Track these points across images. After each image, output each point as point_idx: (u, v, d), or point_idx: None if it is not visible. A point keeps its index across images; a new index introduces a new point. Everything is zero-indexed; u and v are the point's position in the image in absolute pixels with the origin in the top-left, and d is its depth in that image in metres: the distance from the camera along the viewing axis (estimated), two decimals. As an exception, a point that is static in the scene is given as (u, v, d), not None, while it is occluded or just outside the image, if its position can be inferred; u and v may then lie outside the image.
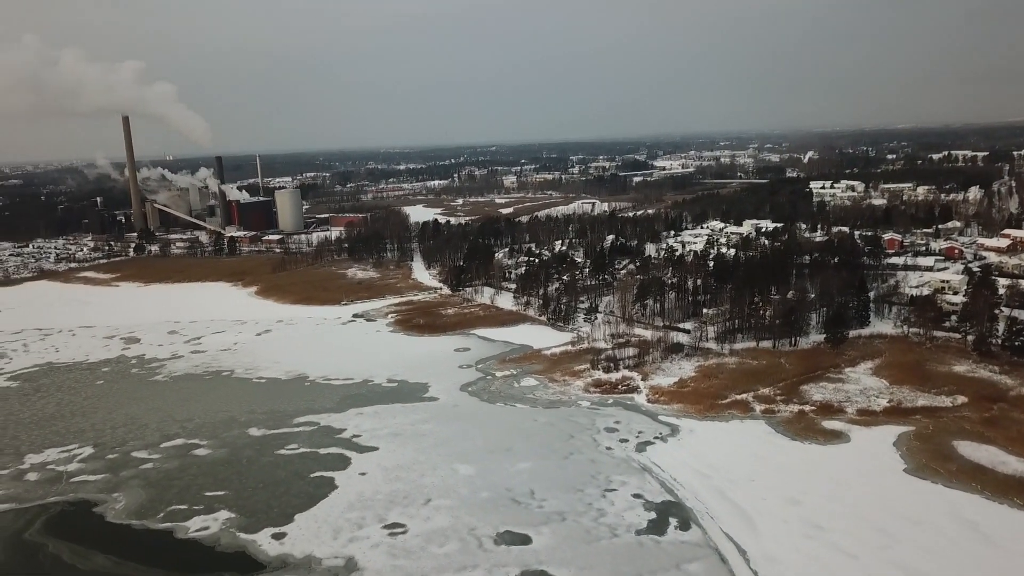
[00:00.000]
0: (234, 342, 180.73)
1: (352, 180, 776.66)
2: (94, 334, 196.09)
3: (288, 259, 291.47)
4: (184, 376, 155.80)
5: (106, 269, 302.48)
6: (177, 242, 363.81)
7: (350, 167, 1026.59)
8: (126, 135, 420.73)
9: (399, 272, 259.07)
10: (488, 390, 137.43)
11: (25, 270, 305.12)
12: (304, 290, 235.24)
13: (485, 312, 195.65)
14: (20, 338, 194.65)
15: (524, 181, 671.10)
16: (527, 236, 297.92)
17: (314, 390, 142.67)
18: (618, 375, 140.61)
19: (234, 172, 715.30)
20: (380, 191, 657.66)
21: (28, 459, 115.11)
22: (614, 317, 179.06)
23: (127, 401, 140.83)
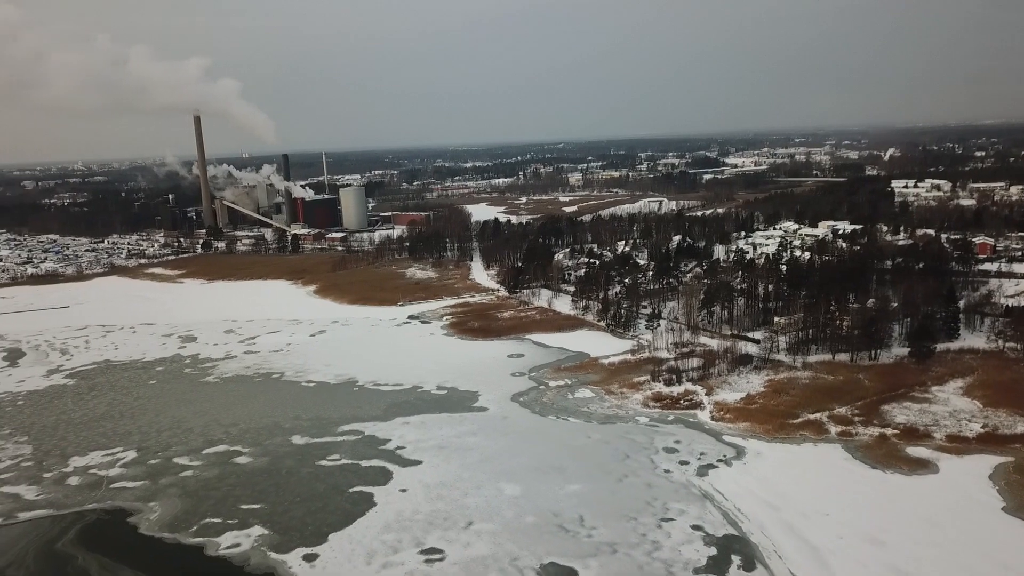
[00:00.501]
0: (287, 343, 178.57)
1: (418, 178, 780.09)
2: (153, 332, 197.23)
3: (348, 258, 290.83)
4: (234, 378, 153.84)
5: (173, 266, 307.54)
6: (243, 239, 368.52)
7: (418, 165, 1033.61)
8: (197, 133, 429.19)
9: (457, 272, 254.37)
10: (540, 401, 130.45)
11: (97, 265, 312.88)
12: (362, 290, 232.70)
13: (542, 316, 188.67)
14: (83, 334, 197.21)
15: (590, 178, 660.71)
16: (589, 236, 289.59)
17: (362, 396, 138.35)
18: (680, 389, 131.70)
19: (305, 170, 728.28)
20: (445, 189, 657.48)
21: (72, 462, 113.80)
22: (678, 324, 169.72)
23: (175, 403, 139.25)
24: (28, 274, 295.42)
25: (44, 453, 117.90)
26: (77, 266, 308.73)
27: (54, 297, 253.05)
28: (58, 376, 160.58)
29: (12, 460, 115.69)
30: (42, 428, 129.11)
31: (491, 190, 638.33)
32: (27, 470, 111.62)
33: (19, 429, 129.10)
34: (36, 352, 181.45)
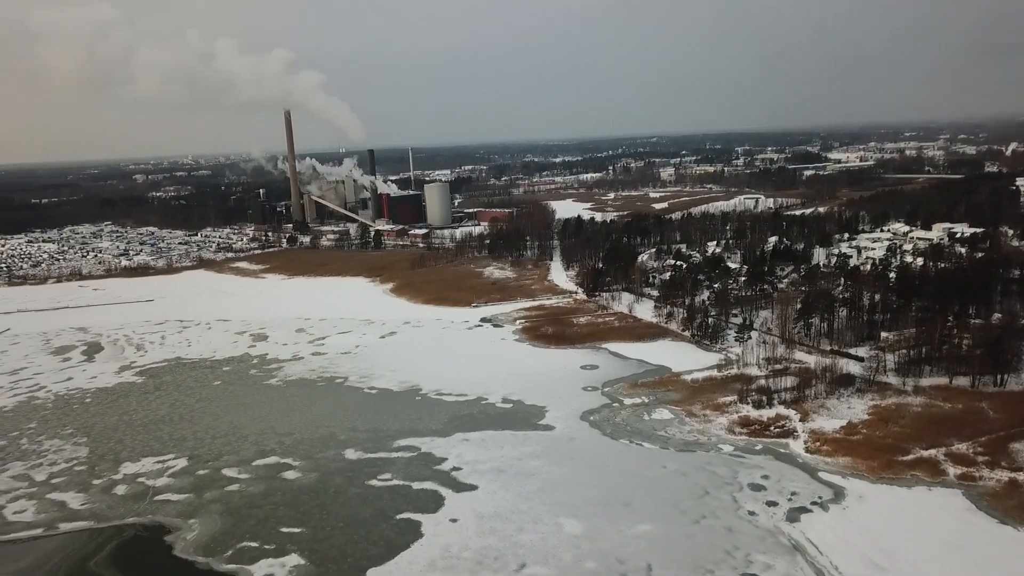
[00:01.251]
0: (356, 345, 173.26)
1: (507, 173, 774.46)
2: (227, 329, 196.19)
3: (428, 255, 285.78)
4: (298, 381, 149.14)
5: (258, 260, 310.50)
6: (328, 234, 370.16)
7: (508, 160, 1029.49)
8: (287, 129, 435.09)
9: (535, 272, 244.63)
10: (612, 421, 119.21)
11: (187, 259, 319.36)
12: (437, 289, 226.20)
13: (621, 323, 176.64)
14: (161, 330, 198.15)
15: (682, 174, 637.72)
16: (677, 235, 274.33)
17: (423, 407, 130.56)
18: (771, 413, 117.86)
19: (396, 165, 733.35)
20: (532, 185, 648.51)
21: (123, 468, 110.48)
22: (771, 337, 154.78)
23: (235, 407, 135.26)
24: (122, 266, 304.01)
25: (99, 457, 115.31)
26: (168, 259, 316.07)
27: (141, 290, 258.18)
28: (128, 373, 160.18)
29: (67, 463, 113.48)
30: (102, 429, 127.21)
31: (579, 185, 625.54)
32: (78, 475, 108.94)
33: (81, 429, 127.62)
34: (113, 347, 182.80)
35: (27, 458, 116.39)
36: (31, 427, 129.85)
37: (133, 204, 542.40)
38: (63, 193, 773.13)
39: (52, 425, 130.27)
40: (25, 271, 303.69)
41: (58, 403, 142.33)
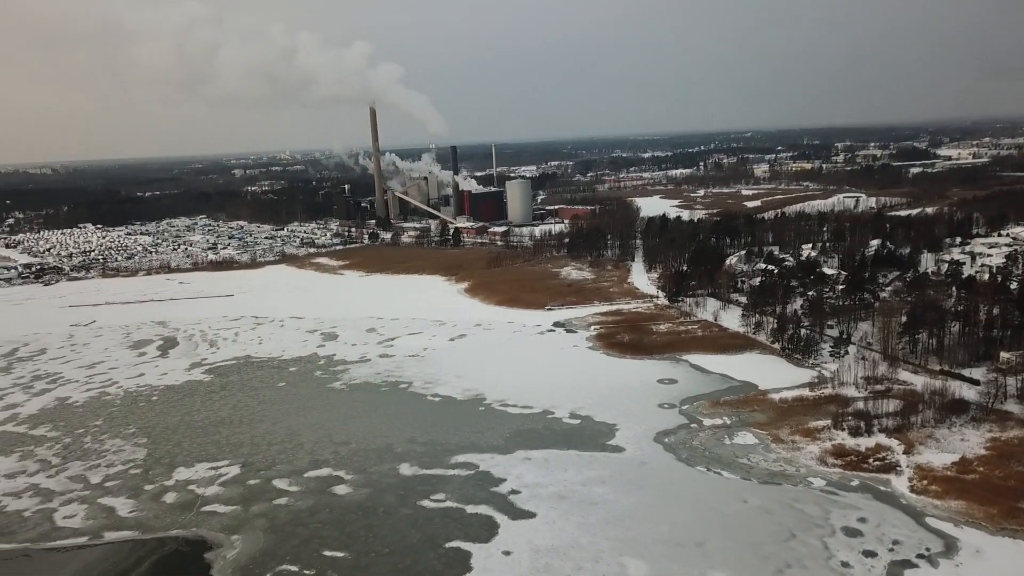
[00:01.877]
0: (424, 347, 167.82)
1: (593, 169, 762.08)
2: (299, 326, 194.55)
3: (505, 254, 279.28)
4: (362, 385, 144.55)
5: (339, 256, 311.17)
6: (409, 231, 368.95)
7: (595, 155, 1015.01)
8: (372, 124, 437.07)
9: (615, 274, 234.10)
10: (689, 445, 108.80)
11: (270, 253, 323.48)
12: (512, 290, 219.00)
13: (704, 332, 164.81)
14: (236, 326, 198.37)
15: (777, 170, 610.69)
16: (769, 236, 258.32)
17: (486, 418, 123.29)
18: (870, 442, 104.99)
19: (482, 161, 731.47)
20: (619, 180, 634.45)
21: (176, 474, 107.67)
22: (871, 353, 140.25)
23: (295, 412, 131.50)
24: (208, 260, 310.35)
25: (155, 460, 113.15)
26: (252, 254, 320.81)
27: (224, 285, 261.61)
28: (198, 371, 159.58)
29: (123, 465, 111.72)
30: (163, 430, 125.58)
31: (667, 182, 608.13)
32: (132, 479, 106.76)
33: (143, 429, 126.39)
34: (188, 343, 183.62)
35: (87, 458, 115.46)
36: (97, 424, 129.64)
37: (227, 198, 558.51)
38: (166, 187, 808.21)
39: (116, 423, 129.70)
40: (119, 263, 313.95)
41: (126, 400, 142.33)
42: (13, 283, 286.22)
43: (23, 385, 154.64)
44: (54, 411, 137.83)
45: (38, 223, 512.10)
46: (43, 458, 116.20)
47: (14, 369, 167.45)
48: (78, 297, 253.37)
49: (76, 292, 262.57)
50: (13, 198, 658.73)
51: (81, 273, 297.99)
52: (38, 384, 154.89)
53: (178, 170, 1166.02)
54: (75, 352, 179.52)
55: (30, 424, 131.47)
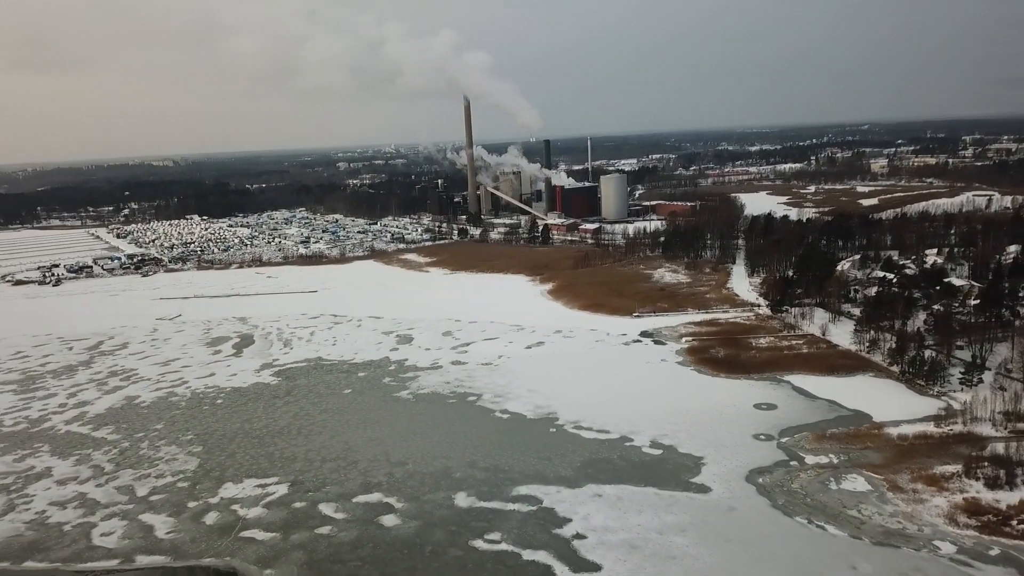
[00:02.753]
0: (499, 355, 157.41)
1: (696, 163, 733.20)
2: (376, 327, 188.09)
3: (594, 253, 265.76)
4: (429, 395, 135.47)
5: (426, 252, 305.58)
6: (499, 227, 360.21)
7: (699, 148, 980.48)
8: (466, 117, 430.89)
9: (713, 277, 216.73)
10: (788, 488, 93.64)
11: (360, 248, 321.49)
12: (598, 293, 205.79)
13: (810, 348, 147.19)
14: (313, 325, 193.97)
15: (897, 166, 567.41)
16: (888, 239, 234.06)
17: (556, 443, 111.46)
18: (1013, 497, 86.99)
19: (580, 155, 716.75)
20: (723, 175, 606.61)
21: (223, 490, 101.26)
22: (1013, 383, 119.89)
23: (356, 424, 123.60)
24: (298, 254, 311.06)
25: (205, 472, 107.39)
26: (341, 249, 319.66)
27: (310, 280, 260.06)
28: (267, 372, 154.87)
29: (172, 477, 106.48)
30: (220, 438, 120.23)
31: (775, 176, 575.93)
32: (177, 494, 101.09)
33: (200, 436, 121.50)
34: (263, 341, 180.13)
35: (139, 465, 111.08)
36: (157, 429, 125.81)
37: (326, 191, 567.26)
38: (273, 179, 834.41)
39: (177, 428, 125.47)
40: (214, 255, 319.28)
41: (191, 402, 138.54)
42: (115, 273, 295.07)
43: (98, 381, 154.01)
44: (120, 411, 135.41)
45: (150, 214, 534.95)
46: (98, 463, 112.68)
47: (94, 363, 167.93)
48: (171, 289, 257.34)
49: (170, 284, 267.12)
50: (133, 189, 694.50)
51: (178, 265, 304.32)
52: (112, 381, 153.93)
53: (288, 163, 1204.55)
54: (155, 348, 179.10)
55: (95, 425, 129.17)
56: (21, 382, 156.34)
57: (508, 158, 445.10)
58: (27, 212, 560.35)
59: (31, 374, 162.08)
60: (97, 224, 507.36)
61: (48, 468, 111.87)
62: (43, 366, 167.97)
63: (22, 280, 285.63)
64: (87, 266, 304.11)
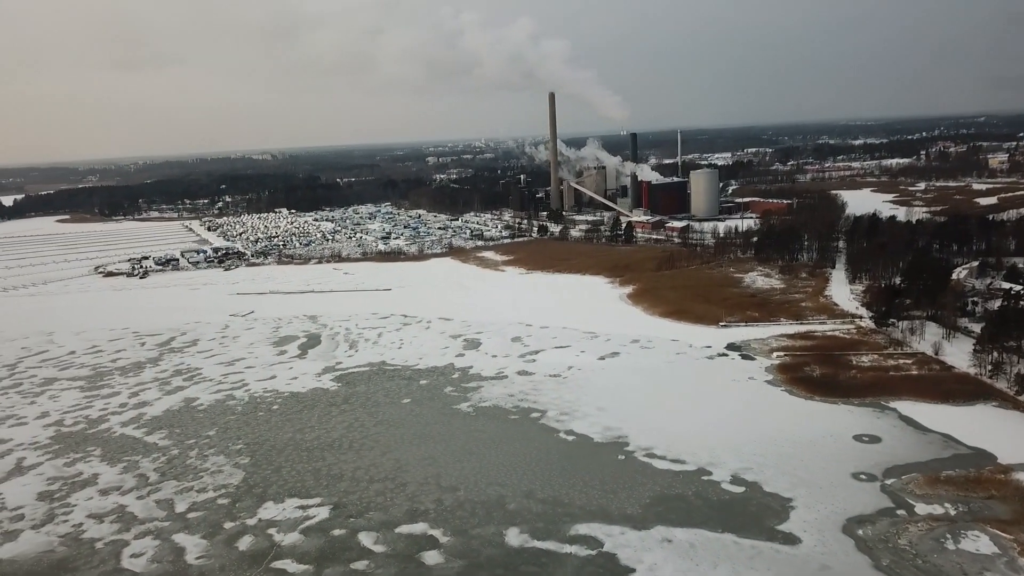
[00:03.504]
0: (569, 366, 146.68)
1: (794, 157, 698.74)
2: (444, 329, 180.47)
3: (680, 253, 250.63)
4: (490, 409, 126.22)
5: (504, 250, 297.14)
6: (581, 224, 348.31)
7: (798, 142, 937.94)
8: (551, 111, 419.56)
9: (809, 284, 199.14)
10: (894, 544, 79.52)
11: (438, 245, 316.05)
12: (682, 298, 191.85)
13: (920, 369, 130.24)
14: (382, 326, 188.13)
15: (1019, 161, 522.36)
16: (1011, 244, 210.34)
17: (625, 472, 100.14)
18: None
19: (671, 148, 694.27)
20: (822, 170, 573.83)
21: (262, 511, 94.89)
22: None
23: (409, 440, 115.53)
24: (377, 251, 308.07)
25: (247, 489, 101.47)
26: (420, 245, 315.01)
27: (385, 277, 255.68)
28: (328, 377, 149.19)
29: (214, 492, 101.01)
30: (269, 449, 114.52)
31: (880, 172, 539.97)
32: (216, 512, 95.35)
33: (250, 446, 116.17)
34: (330, 342, 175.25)
35: (184, 477, 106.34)
36: (209, 436, 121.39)
37: (411, 186, 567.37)
38: (363, 173, 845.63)
39: (228, 436, 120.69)
40: (295, 250, 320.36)
41: (247, 407, 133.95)
42: (199, 267, 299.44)
43: (161, 381, 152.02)
44: (176, 414, 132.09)
45: (241, 207, 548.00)
46: (143, 472, 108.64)
47: (162, 361, 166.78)
48: (249, 284, 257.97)
49: (249, 279, 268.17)
50: (229, 182, 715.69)
51: (260, 259, 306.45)
52: (175, 381, 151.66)
53: (380, 157, 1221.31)
54: (222, 346, 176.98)
55: (149, 428, 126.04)
56: (90, 378, 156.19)
57: (587, 151, 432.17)
58: (129, 204, 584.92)
59: (101, 370, 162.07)
60: (192, 216, 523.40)
61: (95, 475, 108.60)
62: (113, 362, 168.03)
63: (112, 272, 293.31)
64: (174, 259, 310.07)
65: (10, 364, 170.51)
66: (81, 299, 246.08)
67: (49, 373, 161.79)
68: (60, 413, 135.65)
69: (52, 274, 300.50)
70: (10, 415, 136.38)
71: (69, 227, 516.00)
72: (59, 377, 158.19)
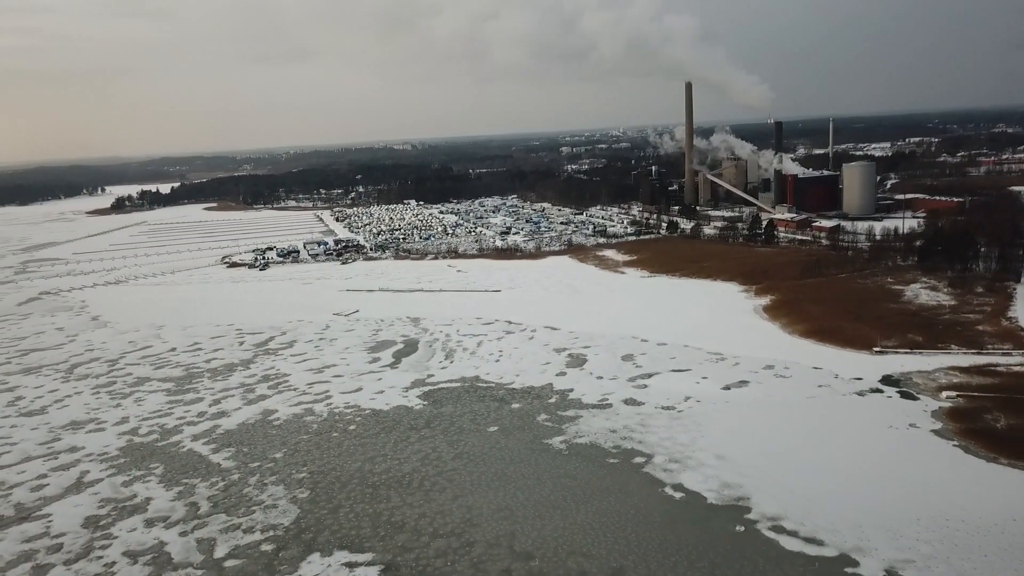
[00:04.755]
0: (686, 396, 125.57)
1: (964, 148, 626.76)
2: (549, 341, 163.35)
3: (829, 258, 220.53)
4: (586, 448, 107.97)
5: (627, 249, 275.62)
6: (716, 221, 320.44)
7: (970, 131, 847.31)
8: (687, 99, 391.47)
9: (987, 300, 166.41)
10: None
11: (558, 242, 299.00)
12: (829, 314, 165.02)
13: None
14: (483, 333, 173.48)
15: None
16: None
17: (742, 551, 79.33)
18: None
19: (821, 138, 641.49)
20: (1000, 163, 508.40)
21: (304, 566, 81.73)
22: None
23: (487, 482, 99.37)
24: (493, 247, 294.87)
25: (296, 533, 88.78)
26: (538, 242, 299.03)
27: (498, 276, 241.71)
28: (415, 393, 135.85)
29: (261, 534, 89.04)
30: (332, 482, 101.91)
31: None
32: (256, 561, 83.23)
33: (313, 476, 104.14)
34: (426, 350, 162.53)
35: (236, 510, 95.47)
36: (274, 459, 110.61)
37: (539, 178, 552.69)
38: (496, 164, 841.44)
39: (294, 461, 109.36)
40: (412, 244, 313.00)
41: (323, 426, 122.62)
42: (318, 259, 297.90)
43: (246, 388, 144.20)
44: (250, 429, 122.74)
45: (373, 197, 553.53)
46: (196, 500, 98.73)
47: (254, 364, 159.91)
48: (362, 280, 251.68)
49: (363, 274, 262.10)
50: (365, 172, 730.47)
51: (377, 253, 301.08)
52: (259, 388, 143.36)
53: (516, 147, 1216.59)
54: (318, 349, 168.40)
55: (218, 444, 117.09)
56: (179, 380, 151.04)
57: (716, 140, 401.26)
58: (270, 193, 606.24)
59: (193, 371, 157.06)
60: (326, 206, 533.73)
61: (147, 500, 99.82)
62: (207, 363, 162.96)
63: (236, 263, 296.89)
64: (295, 251, 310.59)
65: (112, 359, 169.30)
66: (199, 291, 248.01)
67: (144, 372, 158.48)
68: (139, 419, 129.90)
69: (182, 263, 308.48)
70: (93, 418, 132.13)
71: (213, 215, 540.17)
72: (151, 377, 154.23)
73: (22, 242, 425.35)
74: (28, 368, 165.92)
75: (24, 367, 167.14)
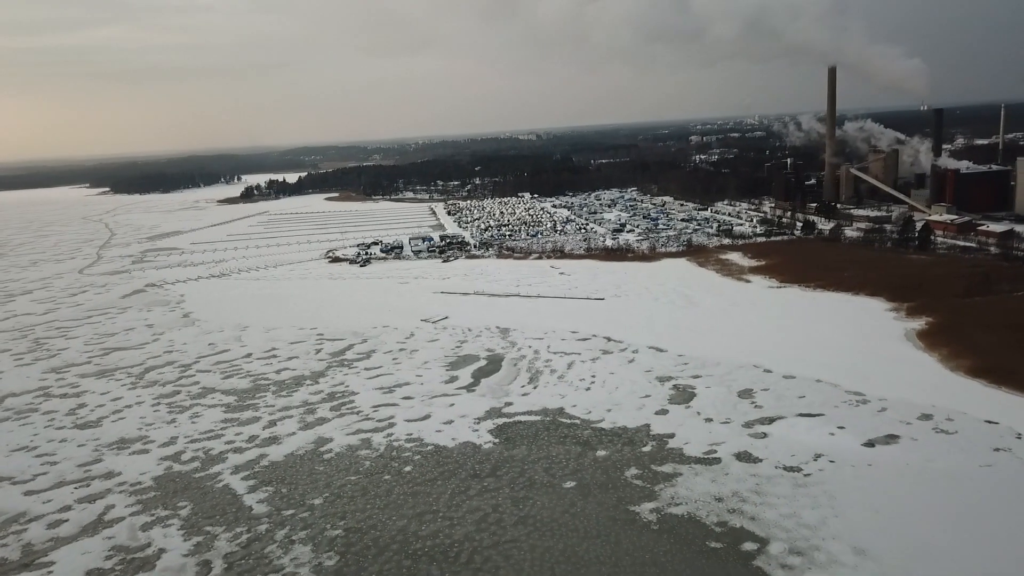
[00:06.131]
0: (816, 453, 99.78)
1: None
2: (652, 367, 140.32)
3: (1002, 272, 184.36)
4: (683, 522, 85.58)
5: (755, 252, 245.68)
6: (859, 221, 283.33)
7: None
8: (830, 85, 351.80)
9: None
10: None
11: (675, 242, 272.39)
12: (1004, 345, 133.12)
13: None
14: (577, 352, 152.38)
15: None
16: None
17: None
18: None
19: (989, 127, 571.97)
20: None
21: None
22: None
23: (553, 561, 79.31)
24: (602, 246, 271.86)
25: (308, 618, 72.32)
26: (652, 242, 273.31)
27: (604, 281, 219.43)
28: (487, 426, 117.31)
29: (267, 616, 73.15)
30: (369, 544, 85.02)
31: None
32: (249, 659, 67.12)
33: (348, 534, 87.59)
34: (510, 370, 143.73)
35: (258, 569, 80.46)
36: (313, 504, 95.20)
37: (662, 169, 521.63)
38: (620, 154, 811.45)
39: (333, 512, 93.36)
40: (516, 242, 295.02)
41: (376, 464, 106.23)
42: (420, 256, 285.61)
43: (308, 407, 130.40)
44: (296, 463, 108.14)
45: (488, 190, 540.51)
46: (212, 558, 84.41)
47: (323, 378, 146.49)
48: (459, 281, 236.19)
49: (461, 274, 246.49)
50: (484, 164, 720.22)
51: (480, 251, 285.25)
52: (321, 409, 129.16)
53: (643, 136, 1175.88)
54: (395, 362, 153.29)
55: (258, 481, 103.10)
56: (242, 395, 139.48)
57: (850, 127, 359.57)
58: (388, 183, 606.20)
59: (260, 383, 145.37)
60: (442, 198, 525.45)
61: (159, 552, 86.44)
62: (278, 373, 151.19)
63: (338, 258, 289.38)
64: (399, 246, 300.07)
65: (186, 364, 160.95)
66: (294, 288, 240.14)
67: (211, 381, 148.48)
68: (186, 442, 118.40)
69: (288, 256, 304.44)
70: (142, 436, 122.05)
71: (333, 205, 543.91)
72: (216, 388, 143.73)
73: (152, 230, 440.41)
74: (103, 370, 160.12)
75: (100, 369, 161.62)
